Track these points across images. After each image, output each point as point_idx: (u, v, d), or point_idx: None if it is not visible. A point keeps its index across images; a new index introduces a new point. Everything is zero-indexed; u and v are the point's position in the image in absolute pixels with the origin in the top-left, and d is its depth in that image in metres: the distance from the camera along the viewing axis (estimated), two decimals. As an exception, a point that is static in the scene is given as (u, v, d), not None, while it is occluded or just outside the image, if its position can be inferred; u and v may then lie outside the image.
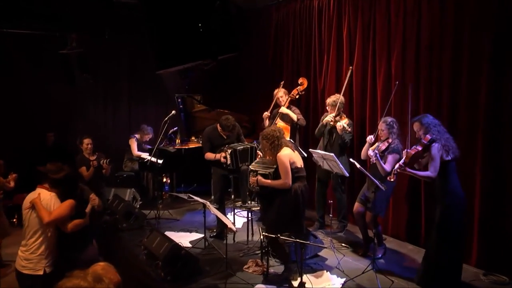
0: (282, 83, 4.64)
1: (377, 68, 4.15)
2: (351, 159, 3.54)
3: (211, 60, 5.80)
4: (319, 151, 3.85)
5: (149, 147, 5.39)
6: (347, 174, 3.68)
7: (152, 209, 4.71)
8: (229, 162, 3.96)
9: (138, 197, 4.95)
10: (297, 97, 4.58)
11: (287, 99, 4.54)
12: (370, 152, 3.41)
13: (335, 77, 4.69)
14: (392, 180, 3.11)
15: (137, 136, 5.39)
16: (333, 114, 4.02)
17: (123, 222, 4.30)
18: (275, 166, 3.21)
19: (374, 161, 3.39)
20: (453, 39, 3.48)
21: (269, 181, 3.22)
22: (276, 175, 3.20)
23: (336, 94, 4.15)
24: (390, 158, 3.38)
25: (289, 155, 3.17)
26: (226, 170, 4.04)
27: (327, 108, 4.16)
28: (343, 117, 4.07)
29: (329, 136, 4.13)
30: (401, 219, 4.00)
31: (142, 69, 6.05)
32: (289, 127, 4.45)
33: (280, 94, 4.55)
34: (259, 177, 3.26)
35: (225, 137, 4.10)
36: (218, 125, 4.09)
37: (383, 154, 3.47)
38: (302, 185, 3.22)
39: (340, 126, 3.91)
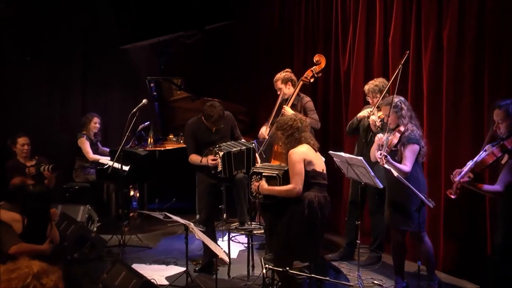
0: (286, 72, 4.46)
1: (423, 41, 4.07)
2: (386, 165, 3.44)
3: (196, 31, 5.79)
4: (342, 153, 3.81)
5: (108, 149, 5.35)
6: (381, 185, 3.63)
7: (115, 233, 4.65)
8: (220, 168, 3.90)
9: (96, 216, 4.88)
10: (311, 80, 4.52)
11: (298, 86, 4.44)
12: (377, 155, 3.32)
13: (364, 55, 4.64)
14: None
15: (86, 133, 5.35)
16: (369, 109, 3.98)
17: (74, 251, 4.23)
18: (286, 168, 3.19)
19: (384, 165, 3.29)
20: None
21: (271, 187, 3.19)
22: (287, 178, 3.17)
23: (378, 78, 4.10)
24: (407, 152, 3.31)
25: (304, 153, 3.16)
26: (215, 178, 3.98)
27: (367, 98, 4.10)
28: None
29: (365, 135, 4.09)
30: (456, 247, 3.92)
31: (102, 43, 6.02)
32: None
33: (279, 84, 4.44)
34: (262, 183, 3.23)
35: (213, 131, 4.05)
36: (203, 115, 4.03)
37: (395, 149, 3.39)
38: (321, 195, 3.19)
39: (372, 120, 3.86)
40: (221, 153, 3.88)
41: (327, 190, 3.40)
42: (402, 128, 3.36)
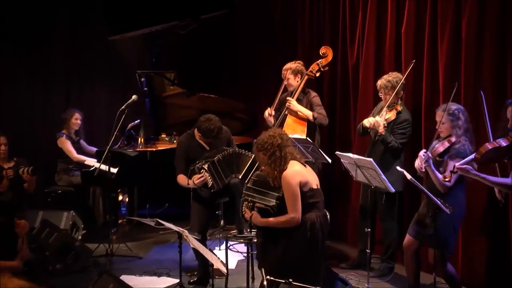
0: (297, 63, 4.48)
1: (439, 32, 4.04)
2: (398, 167, 3.48)
3: (190, 20, 5.77)
4: (350, 154, 3.80)
5: (95, 149, 5.31)
6: (393, 190, 3.62)
7: (102, 242, 4.64)
8: (210, 182, 3.86)
9: (80, 223, 4.87)
10: (317, 74, 4.52)
11: (302, 80, 4.45)
12: (421, 154, 3.32)
13: (375, 47, 4.62)
14: (447, 181, 3.05)
15: (66, 131, 5.34)
16: (372, 118, 3.99)
17: (56, 262, 4.22)
18: (280, 194, 3.16)
19: (423, 169, 3.29)
20: None
21: (266, 220, 3.16)
22: (282, 207, 3.13)
23: (393, 73, 4.08)
24: (452, 165, 3.28)
25: (298, 174, 3.11)
26: (212, 195, 3.97)
27: (379, 94, 4.08)
28: (393, 110, 4.01)
29: (373, 139, 4.09)
30: (477, 257, 3.88)
31: (88, 34, 5.98)
32: (305, 123, 4.40)
33: (288, 73, 4.47)
34: (254, 215, 3.20)
35: (207, 147, 4.03)
36: (195, 130, 4.02)
37: (441, 159, 3.36)
38: (321, 214, 3.17)
39: (375, 122, 3.87)
40: (206, 166, 3.86)
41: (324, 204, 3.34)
42: (453, 139, 3.33)
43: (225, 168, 3.92)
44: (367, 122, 4.03)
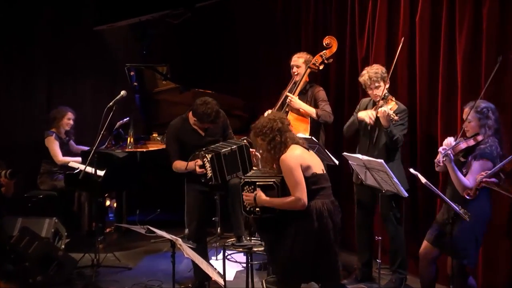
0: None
1: (457, 21, 4.01)
2: (412, 170, 3.43)
3: (184, 9, 5.76)
4: (359, 155, 3.78)
5: (85, 148, 5.31)
6: (406, 194, 3.61)
7: (88, 251, 4.66)
8: (209, 174, 3.88)
9: (64, 231, 4.86)
10: (321, 67, 4.54)
11: (305, 74, 4.47)
12: (440, 149, 3.31)
13: (386, 39, 4.59)
14: (470, 197, 3.05)
15: (56, 130, 5.33)
16: (369, 111, 3.97)
17: (37, 273, 4.20)
18: (281, 175, 3.20)
19: (442, 163, 3.27)
20: None
21: (270, 199, 3.18)
22: (285, 192, 3.16)
23: (374, 65, 4.09)
24: (476, 165, 3.27)
25: (299, 157, 3.14)
26: (207, 185, 3.98)
27: (367, 90, 4.07)
28: (389, 101, 4.00)
29: (370, 134, 4.06)
30: (500, 262, 3.86)
31: (72, 24, 6.00)
32: (307, 119, 4.43)
33: (300, 61, 4.50)
34: (258, 193, 3.20)
35: (202, 133, 4.04)
36: (190, 113, 4.01)
37: (465, 160, 3.35)
38: (328, 201, 3.18)
39: (383, 112, 3.81)
40: (209, 156, 3.87)
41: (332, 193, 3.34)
42: (480, 138, 3.32)
43: (229, 164, 3.94)
44: (366, 115, 3.96)
